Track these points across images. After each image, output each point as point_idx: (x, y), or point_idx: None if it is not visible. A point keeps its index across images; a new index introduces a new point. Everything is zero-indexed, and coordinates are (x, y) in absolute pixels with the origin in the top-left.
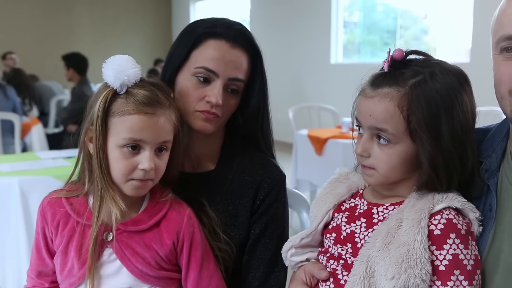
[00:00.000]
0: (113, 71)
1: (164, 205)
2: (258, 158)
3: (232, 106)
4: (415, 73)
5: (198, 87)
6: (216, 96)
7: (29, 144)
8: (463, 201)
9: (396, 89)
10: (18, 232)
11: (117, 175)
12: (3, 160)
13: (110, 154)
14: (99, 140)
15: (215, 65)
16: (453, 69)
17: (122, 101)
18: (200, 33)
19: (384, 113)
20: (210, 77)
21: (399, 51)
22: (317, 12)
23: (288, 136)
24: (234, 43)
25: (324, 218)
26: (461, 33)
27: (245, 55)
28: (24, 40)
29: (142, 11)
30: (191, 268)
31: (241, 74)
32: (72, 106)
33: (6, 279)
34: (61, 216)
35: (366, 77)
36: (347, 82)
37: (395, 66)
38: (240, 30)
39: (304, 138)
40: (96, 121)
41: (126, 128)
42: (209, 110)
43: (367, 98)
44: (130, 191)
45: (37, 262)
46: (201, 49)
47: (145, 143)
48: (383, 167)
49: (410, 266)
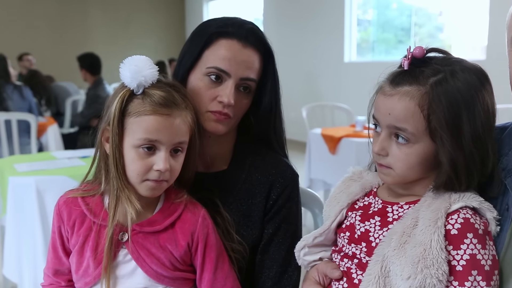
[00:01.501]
0: (130, 72)
1: (179, 206)
2: (271, 158)
3: (244, 105)
4: (436, 72)
5: (210, 87)
6: (228, 96)
7: (45, 144)
8: (480, 201)
9: (416, 88)
10: (35, 231)
11: (132, 175)
12: (20, 160)
13: (126, 154)
14: (115, 140)
15: (227, 65)
16: (473, 67)
17: (139, 101)
18: (211, 33)
19: (404, 112)
20: (222, 77)
21: (420, 48)
22: (330, 10)
23: (301, 135)
24: (245, 43)
25: (337, 217)
26: (477, 29)
27: (257, 54)
28: (40, 42)
29: (155, 11)
30: (205, 269)
31: (253, 74)
32: (87, 111)
33: (22, 277)
34: (77, 216)
35: (384, 75)
36: (361, 81)
37: (415, 64)
38: (251, 29)
39: (318, 137)
40: (113, 121)
41: (142, 128)
42: (221, 110)
43: (386, 97)
44: (145, 191)
45: (54, 261)
46: (213, 48)
47: (160, 143)
48: (401, 166)
49: (427, 266)
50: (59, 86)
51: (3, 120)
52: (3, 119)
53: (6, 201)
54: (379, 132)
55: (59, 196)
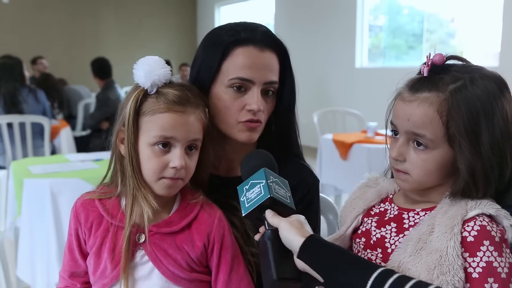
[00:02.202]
0: (143, 71)
1: (195, 206)
2: (293, 163)
3: (270, 108)
4: (455, 79)
5: (236, 97)
6: (257, 103)
7: (57, 147)
8: (497, 208)
9: (435, 94)
10: (48, 233)
11: (148, 174)
12: (34, 162)
13: (142, 153)
14: (130, 140)
15: (249, 72)
16: (493, 75)
17: (153, 100)
18: (226, 43)
19: (423, 118)
20: (246, 86)
21: (440, 56)
22: (342, 16)
23: (312, 141)
24: (262, 46)
25: (353, 223)
26: (490, 36)
27: (274, 55)
28: (52, 45)
29: (166, 15)
30: (221, 270)
31: (275, 76)
32: (97, 112)
33: (36, 278)
34: (94, 218)
35: (402, 81)
36: (372, 86)
37: (434, 71)
38: (265, 32)
39: (329, 142)
40: (128, 121)
41: (157, 126)
42: (252, 118)
43: (405, 103)
44: (161, 190)
45: (70, 263)
46: (231, 59)
47: (175, 140)
48: (419, 172)
49: (443, 272)
50: (72, 89)
51: (18, 122)
52: (17, 121)
53: (20, 202)
54: (397, 138)
55: (73, 198)
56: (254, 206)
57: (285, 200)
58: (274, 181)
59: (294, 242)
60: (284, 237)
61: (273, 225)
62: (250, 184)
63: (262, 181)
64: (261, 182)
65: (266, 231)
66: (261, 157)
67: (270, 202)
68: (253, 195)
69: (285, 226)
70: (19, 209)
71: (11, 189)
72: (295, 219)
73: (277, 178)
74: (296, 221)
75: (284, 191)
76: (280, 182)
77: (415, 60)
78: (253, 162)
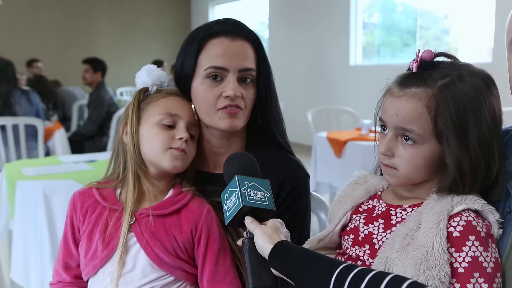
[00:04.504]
0: (145, 71)
1: (186, 195)
2: (282, 158)
3: (251, 95)
4: (444, 75)
5: (212, 86)
6: (233, 89)
7: (51, 148)
8: (482, 203)
9: (424, 90)
10: (42, 235)
11: (155, 147)
12: (27, 164)
13: (146, 135)
14: (134, 125)
15: (222, 61)
16: (481, 72)
17: (154, 93)
18: (200, 38)
19: (411, 113)
20: (222, 74)
21: (429, 52)
22: (336, 14)
23: (307, 139)
24: (233, 36)
25: (341, 220)
26: (483, 32)
27: (247, 44)
28: (46, 47)
29: (160, 16)
30: (207, 260)
31: (250, 63)
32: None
33: (30, 281)
34: (89, 204)
35: (392, 78)
36: (366, 84)
37: (423, 67)
38: (235, 23)
39: (323, 140)
40: (133, 109)
41: (161, 107)
42: (230, 103)
43: (394, 98)
44: (169, 161)
45: (64, 253)
46: (205, 51)
47: (179, 118)
48: (407, 167)
49: (429, 267)
50: (66, 91)
51: (11, 124)
52: (10, 123)
53: (13, 205)
54: (386, 134)
55: (66, 200)
56: (232, 216)
57: (262, 204)
58: (250, 186)
59: (265, 250)
60: (257, 244)
61: (251, 231)
62: (229, 192)
63: (236, 189)
64: (236, 190)
65: (244, 240)
66: (237, 161)
67: (246, 210)
68: (231, 203)
69: (258, 234)
70: (12, 211)
71: (4, 191)
72: (270, 225)
73: (254, 181)
74: (270, 227)
75: (262, 193)
76: (257, 185)
77: (410, 57)
78: (231, 167)
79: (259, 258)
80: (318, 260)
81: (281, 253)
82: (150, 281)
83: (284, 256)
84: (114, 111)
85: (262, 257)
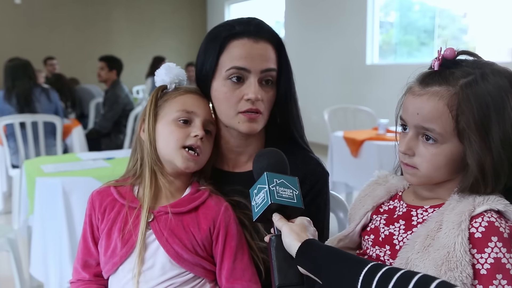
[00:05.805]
0: (164, 69)
1: (204, 193)
2: (301, 156)
3: (271, 97)
4: (466, 73)
5: (234, 88)
6: (254, 92)
7: (69, 146)
8: (505, 204)
9: (446, 88)
10: (61, 231)
11: (171, 144)
12: (46, 161)
13: (162, 132)
14: (151, 122)
15: (244, 62)
16: (504, 70)
17: (172, 91)
18: (222, 38)
19: (432, 112)
20: (243, 76)
21: (451, 50)
22: (352, 13)
23: (323, 138)
24: (256, 37)
25: (362, 220)
26: (503, 31)
27: (270, 45)
28: (65, 45)
29: (177, 15)
30: (225, 257)
31: (272, 64)
32: (110, 113)
33: (49, 276)
34: (108, 203)
35: (413, 76)
36: (383, 83)
37: (445, 65)
38: (259, 24)
39: (340, 139)
40: (150, 106)
41: (178, 104)
42: (251, 107)
43: (415, 96)
44: (182, 161)
45: (83, 251)
46: (227, 52)
47: (195, 115)
48: (427, 166)
49: (450, 268)
50: (83, 89)
51: (30, 122)
52: (30, 121)
53: (33, 201)
54: (406, 133)
55: (85, 197)
56: (260, 212)
57: (291, 201)
58: (279, 183)
59: (292, 248)
60: (284, 242)
61: (279, 229)
62: (258, 188)
63: (265, 186)
64: (265, 187)
65: (271, 237)
66: (266, 157)
67: (274, 207)
68: (259, 200)
69: (285, 231)
70: (31, 207)
71: (23, 187)
72: (298, 222)
73: (283, 179)
74: (298, 225)
75: (291, 191)
76: (286, 182)
77: (427, 56)
78: (260, 164)
79: (286, 255)
80: (345, 259)
81: (308, 251)
82: (170, 278)
83: (312, 255)
84: (130, 109)
85: (289, 254)
